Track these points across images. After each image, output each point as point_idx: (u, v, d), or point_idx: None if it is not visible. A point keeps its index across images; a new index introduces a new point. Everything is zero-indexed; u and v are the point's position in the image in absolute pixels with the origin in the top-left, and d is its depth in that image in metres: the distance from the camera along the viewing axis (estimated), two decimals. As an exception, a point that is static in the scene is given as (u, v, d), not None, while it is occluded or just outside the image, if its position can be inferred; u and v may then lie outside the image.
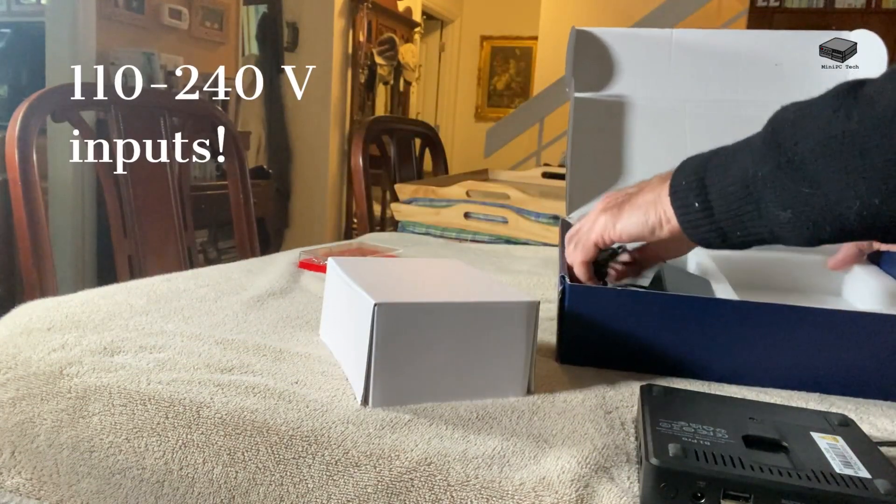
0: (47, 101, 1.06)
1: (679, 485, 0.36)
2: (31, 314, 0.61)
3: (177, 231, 1.29)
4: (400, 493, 0.41)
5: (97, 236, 2.73)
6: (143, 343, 0.56)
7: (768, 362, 0.56)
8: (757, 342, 0.55)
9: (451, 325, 0.49)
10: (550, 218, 1.25)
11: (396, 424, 0.45)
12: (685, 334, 0.56)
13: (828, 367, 0.55)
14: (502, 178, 1.85)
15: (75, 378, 0.50)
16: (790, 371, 0.55)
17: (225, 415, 0.45)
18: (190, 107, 1.37)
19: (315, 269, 0.90)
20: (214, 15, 3.31)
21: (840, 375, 0.55)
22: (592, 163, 0.89)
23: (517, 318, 0.51)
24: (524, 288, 0.90)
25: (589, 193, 0.86)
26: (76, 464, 0.47)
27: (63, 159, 2.65)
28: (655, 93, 0.91)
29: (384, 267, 0.60)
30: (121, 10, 2.79)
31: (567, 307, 0.58)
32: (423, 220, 1.38)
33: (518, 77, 6.60)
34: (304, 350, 0.58)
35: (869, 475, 0.36)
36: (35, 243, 0.98)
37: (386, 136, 1.85)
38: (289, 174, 4.13)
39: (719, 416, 0.43)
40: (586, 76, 0.92)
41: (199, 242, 2.96)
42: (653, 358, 0.57)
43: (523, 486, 0.39)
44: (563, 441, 0.44)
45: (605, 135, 0.90)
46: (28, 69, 3.19)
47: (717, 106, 0.91)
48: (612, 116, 0.91)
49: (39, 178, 1.01)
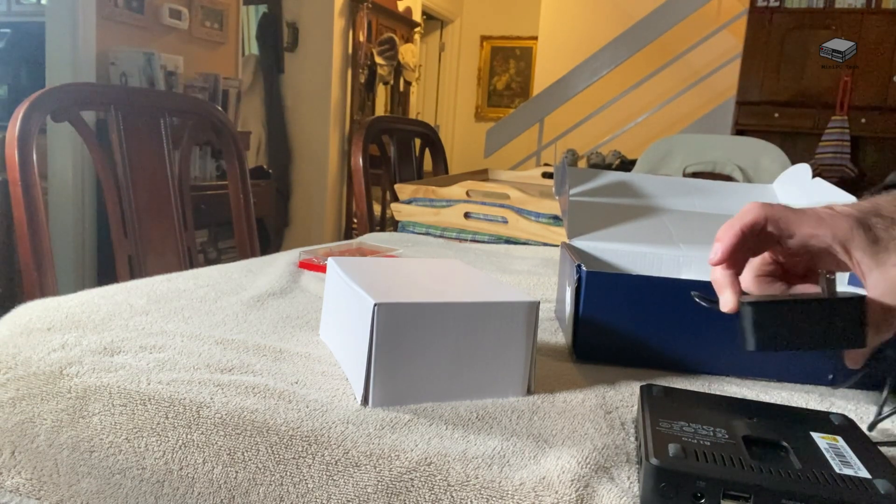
0: (47, 101, 1.06)
1: (679, 485, 0.36)
2: (31, 314, 0.61)
3: (177, 231, 1.29)
4: (400, 493, 0.41)
5: (97, 236, 2.73)
6: (143, 343, 0.56)
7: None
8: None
9: (451, 325, 0.49)
10: (550, 218, 1.25)
11: (396, 424, 0.45)
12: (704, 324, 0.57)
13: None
14: (502, 178, 1.85)
15: (75, 378, 0.50)
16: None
17: (225, 415, 0.45)
18: (190, 107, 1.37)
19: (315, 269, 0.90)
20: (214, 15, 3.31)
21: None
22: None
23: (517, 318, 0.51)
24: (524, 288, 0.90)
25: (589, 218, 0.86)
26: (76, 464, 0.47)
27: (63, 159, 2.65)
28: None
29: (384, 267, 0.60)
30: (121, 10, 2.79)
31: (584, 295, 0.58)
32: (423, 220, 1.38)
33: (518, 77, 6.60)
34: (304, 350, 0.58)
35: (869, 475, 0.36)
36: (35, 243, 0.98)
37: (386, 136, 1.85)
38: (289, 174, 4.13)
39: (719, 416, 0.43)
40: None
41: (199, 242, 2.95)
42: (670, 350, 0.58)
43: (523, 486, 0.39)
44: (563, 441, 0.44)
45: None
46: (28, 69, 3.19)
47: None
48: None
49: (39, 178, 1.01)
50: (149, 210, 1.24)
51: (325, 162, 4.08)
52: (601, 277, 0.59)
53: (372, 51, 4.31)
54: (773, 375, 0.57)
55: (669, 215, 0.86)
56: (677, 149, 2.05)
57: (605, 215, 0.84)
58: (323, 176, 4.10)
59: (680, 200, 0.89)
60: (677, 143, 2.07)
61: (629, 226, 0.82)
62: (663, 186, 0.90)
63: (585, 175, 0.90)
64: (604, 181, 0.90)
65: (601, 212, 0.85)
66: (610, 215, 0.84)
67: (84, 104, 1.15)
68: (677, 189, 0.90)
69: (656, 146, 2.07)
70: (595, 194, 0.88)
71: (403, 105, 4.92)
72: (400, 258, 0.67)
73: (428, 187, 1.40)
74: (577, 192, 0.87)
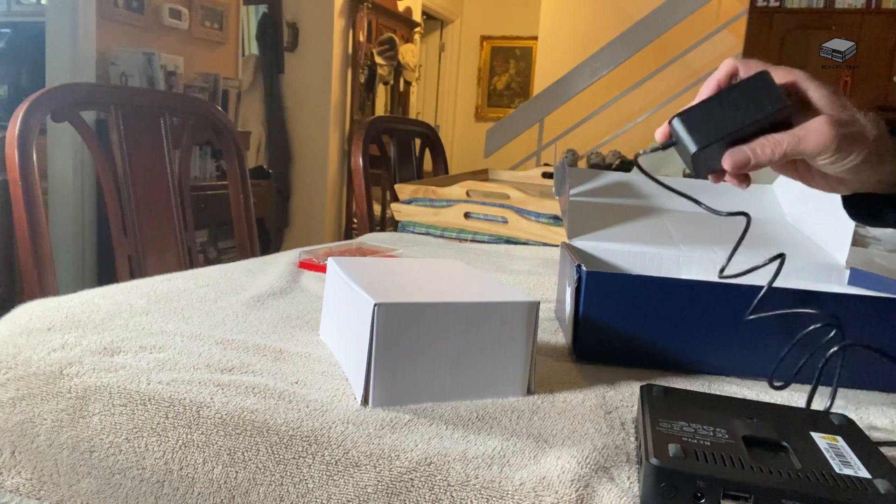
0: (47, 101, 1.06)
1: (679, 485, 0.36)
2: (31, 314, 0.61)
3: (177, 231, 1.29)
4: (400, 493, 0.41)
5: (97, 236, 2.73)
6: (143, 343, 0.56)
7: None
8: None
9: (451, 325, 0.49)
10: (550, 218, 1.25)
11: (396, 424, 0.45)
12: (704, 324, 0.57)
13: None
14: (502, 178, 1.85)
15: (75, 378, 0.50)
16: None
17: (225, 415, 0.45)
18: (190, 107, 1.37)
19: (315, 269, 0.90)
20: (214, 15, 3.31)
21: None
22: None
23: (517, 318, 0.51)
24: (524, 288, 0.90)
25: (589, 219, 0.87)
26: (76, 464, 0.47)
27: (63, 159, 2.65)
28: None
29: (384, 267, 0.60)
30: (121, 10, 2.79)
31: (584, 295, 0.58)
32: (423, 220, 1.38)
33: (518, 77, 6.60)
34: (304, 350, 0.58)
35: (869, 475, 0.36)
36: (35, 243, 0.98)
37: (386, 136, 1.85)
38: (289, 174, 4.13)
39: (719, 416, 0.43)
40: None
41: (199, 242, 2.96)
42: (670, 350, 0.58)
43: (523, 486, 0.39)
44: (563, 441, 0.44)
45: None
46: (28, 69, 3.19)
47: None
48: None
49: (39, 178, 1.01)
50: (149, 210, 1.24)
51: (325, 162, 4.08)
52: (601, 277, 0.59)
53: (372, 51, 4.31)
54: (774, 376, 0.57)
55: (669, 215, 0.86)
56: (677, 149, 2.05)
57: (605, 215, 0.84)
58: (323, 176, 4.10)
59: (680, 201, 0.89)
60: (677, 143, 2.06)
61: (629, 226, 0.82)
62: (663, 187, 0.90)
63: (585, 175, 0.90)
64: (604, 181, 0.90)
65: (601, 212, 0.85)
66: (610, 215, 0.84)
67: (84, 104, 1.15)
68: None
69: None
70: (595, 194, 0.88)
71: (403, 105, 4.92)
72: (400, 258, 0.67)
73: (428, 187, 1.40)
74: (577, 192, 0.87)
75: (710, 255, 0.77)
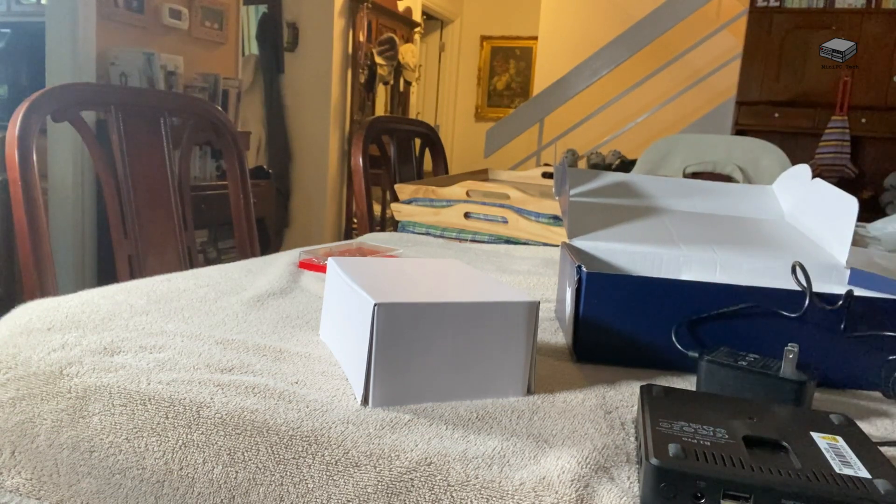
0: (47, 101, 1.06)
1: (679, 485, 0.36)
2: (31, 314, 0.61)
3: (177, 231, 1.29)
4: (400, 493, 0.41)
5: (97, 236, 2.73)
6: (143, 343, 0.56)
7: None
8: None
9: (450, 325, 0.49)
10: (550, 218, 1.25)
11: (396, 424, 0.45)
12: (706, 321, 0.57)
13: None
14: (502, 178, 1.85)
15: (75, 378, 0.50)
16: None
17: (225, 415, 0.45)
18: (190, 107, 1.37)
19: (315, 269, 0.90)
20: (214, 15, 3.31)
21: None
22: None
23: (517, 318, 0.51)
24: (524, 288, 0.90)
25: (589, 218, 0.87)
26: (76, 464, 0.47)
27: (63, 159, 2.65)
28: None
29: (384, 267, 0.60)
30: (121, 10, 2.79)
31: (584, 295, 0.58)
32: (423, 220, 1.38)
33: (518, 77, 6.60)
34: (304, 350, 0.58)
35: (869, 475, 0.36)
36: (35, 243, 0.98)
37: (386, 136, 1.85)
38: (289, 174, 4.13)
39: (719, 416, 0.43)
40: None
41: (199, 242, 2.96)
42: (670, 350, 0.58)
43: (523, 486, 0.39)
44: (563, 441, 0.44)
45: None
46: (28, 69, 3.19)
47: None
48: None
49: (39, 178, 1.01)
50: (149, 210, 1.24)
51: (325, 162, 4.08)
52: (601, 278, 0.59)
53: (372, 51, 4.31)
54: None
55: (669, 216, 0.86)
56: (677, 149, 2.05)
57: (605, 215, 0.84)
58: (323, 176, 4.10)
59: (680, 201, 0.89)
60: (677, 144, 2.07)
61: (629, 226, 0.82)
62: (663, 187, 0.90)
63: (585, 175, 0.90)
64: (604, 181, 0.90)
65: (601, 212, 0.85)
66: (610, 216, 0.84)
67: (84, 104, 1.15)
68: (677, 190, 0.90)
69: (656, 146, 2.07)
70: (595, 194, 0.88)
71: (403, 105, 4.92)
72: (400, 258, 0.67)
73: (428, 187, 1.40)
74: (577, 193, 0.87)
75: (710, 255, 0.77)
